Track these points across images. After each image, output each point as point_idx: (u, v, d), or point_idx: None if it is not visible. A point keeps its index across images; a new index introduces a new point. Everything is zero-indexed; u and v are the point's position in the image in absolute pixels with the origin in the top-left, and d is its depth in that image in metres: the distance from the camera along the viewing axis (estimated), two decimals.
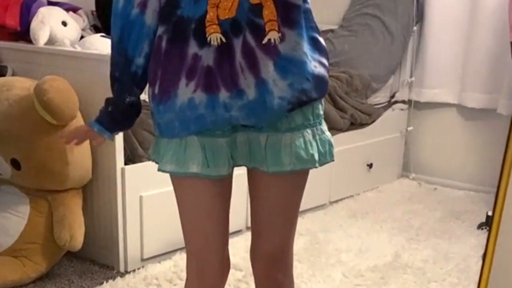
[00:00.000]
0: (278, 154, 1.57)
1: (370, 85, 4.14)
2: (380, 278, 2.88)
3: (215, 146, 1.55)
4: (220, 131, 1.55)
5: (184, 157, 1.56)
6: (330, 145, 1.65)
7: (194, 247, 1.69)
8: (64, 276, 2.81)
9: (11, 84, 2.77)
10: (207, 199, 1.62)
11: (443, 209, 3.85)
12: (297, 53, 1.52)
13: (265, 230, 1.71)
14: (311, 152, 1.58)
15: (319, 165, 1.62)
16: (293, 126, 1.57)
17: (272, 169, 1.58)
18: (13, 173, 2.73)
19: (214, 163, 1.55)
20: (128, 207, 2.82)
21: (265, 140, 1.57)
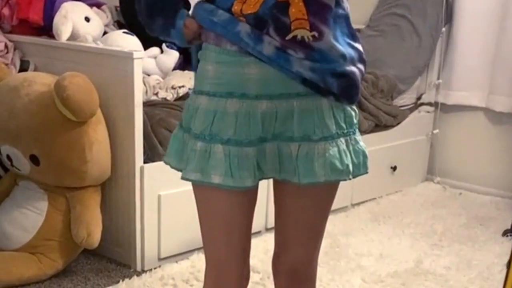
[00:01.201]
0: (311, 164, 1.48)
1: (396, 87, 4.08)
2: (400, 284, 2.83)
3: (241, 155, 1.47)
4: (247, 140, 1.47)
5: (208, 166, 1.48)
6: (365, 156, 1.57)
7: (213, 257, 1.63)
8: (80, 274, 2.80)
9: (32, 80, 2.76)
10: (229, 211, 1.55)
11: (467, 214, 3.78)
12: (333, 54, 1.46)
13: (291, 244, 1.65)
14: (346, 163, 1.50)
15: (353, 177, 1.53)
16: (327, 135, 1.49)
17: (304, 181, 1.49)
18: (32, 169, 2.72)
19: (239, 174, 1.47)
20: (146, 206, 2.80)
21: (296, 149, 1.49)
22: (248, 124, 1.46)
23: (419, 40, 4.20)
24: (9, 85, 2.76)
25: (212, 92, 1.49)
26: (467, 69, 4.18)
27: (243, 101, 1.46)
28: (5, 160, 2.80)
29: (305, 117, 1.48)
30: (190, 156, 1.51)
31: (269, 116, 1.47)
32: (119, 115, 2.78)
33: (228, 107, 1.47)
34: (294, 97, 1.47)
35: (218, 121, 1.47)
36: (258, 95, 1.46)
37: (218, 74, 1.49)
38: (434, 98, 4.33)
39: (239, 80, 1.46)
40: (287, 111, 1.47)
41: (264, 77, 1.46)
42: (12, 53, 3.13)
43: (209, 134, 1.48)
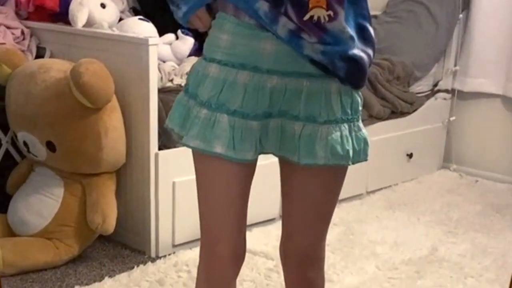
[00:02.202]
0: (312, 145, 1.48)
1: (412, 73, 4.05)
2: (414, 271, 2.82)
3: (245, 128, 1.47)
4: (254, 114, 1.47)
5: (211, 135, 1.47)
6: (366, 143, 1.56)
7: (206, 230, 1.62)
8: (95, 259, 2.82)
9: (49, 66, 2.77)
10: (226, 182, 1.55)
11: (483, 202, 3.76)
12: (344, 35, 1.44)
13: (296, 229, 1.65)
14: (347, 148, 1.50)
15: (352, 163, 1.53)
16: (332, 119, 1.49)
17: (304, 161, 1.49)
18: (48, 156, 2.74)
19: (241, 146, 1.47)
20: (160, 192, 2.81)
21: (300, 129, 1.49)
22: (256, 98, 1.47)
23: (436, 27, 4.17)
24: (26, 71, 2.78)
25: (224, 61, 1.49)
26: (484, 56, 4.15)
27: (254, 74, 1.46)
28: (22, 147, 2.83)
29: (312, 98, 1.48)
30: (193, 122, 1.51)
31: (277, 91, 1.47)
32: (134, 102, 2.79)
33: (238, 78, 1.47)
34: (304, 77, 1.47)
35: (226, 91, 1.48)
36: (269, 70, 1.46)
37: (232, 44, 1.48)
38: (451, 85, 4.30)
39: (252, 53, 1.46)
40: (296, 90, 1.47)
41: (278, 53, 1.45)
42: (29, 40, 3.15)
43: (216, 103, 1.48)
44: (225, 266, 1.62)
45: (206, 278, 1.65)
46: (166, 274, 2.68)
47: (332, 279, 2.69)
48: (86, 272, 2.71)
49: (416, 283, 2.73)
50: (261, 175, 1.82)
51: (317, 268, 1.72)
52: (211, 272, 1.64)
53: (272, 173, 1.66)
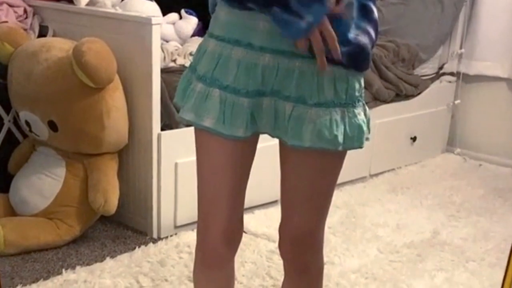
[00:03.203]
0: (300, 127, 1.46)
1: (417, 56, 4.03)
2: (416, 255, 2.82)
3: (236, 104, 1.47)
4: (245, 90, 1.45)
5: (203, 108, 1.49)
6: (361, 130, 1.52)
7: (199, 210, 1.62)
8: (97, 240, 2.82)
9: (50, 45, 2.75)
10: (217, 157, 1.54)
11: (486, 186, 3.75)
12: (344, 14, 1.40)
13: (290, 212, 1.64)
14: (335, 133, 1.47)
15: (343, 148, 1.50)
16: (322, 102, 1.46)
17: (291, 142, 1.48)
18: (50, 135, 2.73)
19: (231, 122, 1.47)
20: (163, 173, 2.81)
21: (290, 109, 1.47)
22: (248, 75, 1.46)
23: (442, 9, 4.14)
24: (28, 50, 2.76)
25: (221, 37, 1.50)
26: (490, 38, 4.12)
27: (247, 51, 1.46)
28: (24, 126, 2.82)
29: (304, 80, 1.45)
30: (190, 95, 1.53)
31: (269, 70, 1.45)
32: (137, 82, 2.78)
33: (233, 54, 1.47)
34: (297, 57, 1.44)
35: (221, 66, 1.48)
36: (262, 47, 1.45)
37: (228, 20, 1.49)
38: (456, 68, 4.28)
39: (246, 30, 1.46)
40: (288, 70, 1.45)
41: (271, 31, 1.43)
42: (31, 18, 3.13)
43: (211, 77, 1.49)
44: (217, 246, 1.62)
45: (201, 260, 1.66)
46: (167, 255, 2.68)
47: (333, 262, 2.68)
48: (88, 253, 2.71)
49: (417, 266, 2.73)
50: (262, 157, 1.81)
51: (313, 252, 1.69)
52: (205, 253, 1.64)
53: (274, 155, 1.63)
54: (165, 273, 2.54)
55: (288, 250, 1.69)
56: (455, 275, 2.67)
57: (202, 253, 1.65)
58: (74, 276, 2.49)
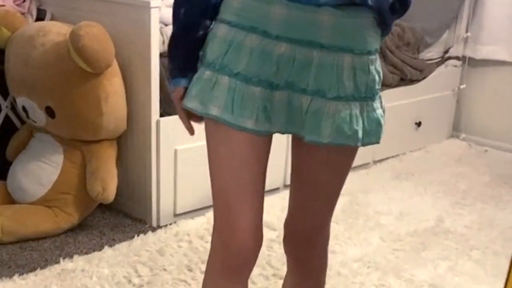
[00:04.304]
0: (319, 122, 1.38)
1: (422, 39, 3.96)
2: (419, 243, 2.78)
3: (246, 93, 1.38)
4: (257, 79, 1.37)
5: (209, 96, 1.40)
6: (379, 124, 1.45)
7: (223, 205, 1.47)
8: (96, 228, 2.78)
9: (47, 29, 2.70)
10: (227, 149, 1.44)
11: (492, 172, 3.70)
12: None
13: (300, 209, 1.58)
14: (355, 128, 1.39)
15: (362, 144, 1.43)
16: (342, 96, 1.38)
17: (308, 137, 1.39)
18: (47, 121, 2.69)
19: (240, 112, 1.38)
20: (162, 160, 2.76)
21: (308, 103, 1.38)
22: (261, 63, 1.37)
23: None
24: (24, 35, 2.71)
25: (234, 23, 1.40)
26: (497, 22, 4.05)
27: (262, 38, 1.37)
28: (21, 112, 2.77)
29: (323, 71, 1.37)
30: (195, 83, 1.44)
31: (285, 60, 1.37)
32: (135, 67, 2.72)
33: (246, 41, 1.38)
34: (315, 47, 1.36)
35: (232, 52, 1.39)
36: (278, 36, 1.36)
37: (244, 5, 1.40)
38: (462, 52, 4.21)
39: (263, 16, 1.37)
40: (306, 60, 1.36)
41: (288, 18, 1.35)
42: (29, 2, 3.07)
43: (220, 64, 1.40)
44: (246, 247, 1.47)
45: (221, 265, 1.50)
46: (166, 244, 2.64)
47: (335, 250, 2.65)
48: (86, 241, 2.67)
49: (420, 255, 2.69)
50: None
51: (319, 249, 1.66)
52: (230, 256, 1.48)
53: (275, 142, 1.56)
54: (163, 262, 2.50)
55: (294, 247, 1.65)
56: (459, 264, 2.62)
57: (224, 257, 1.49)
58: (71, 265, 2.46)
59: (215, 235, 1.52)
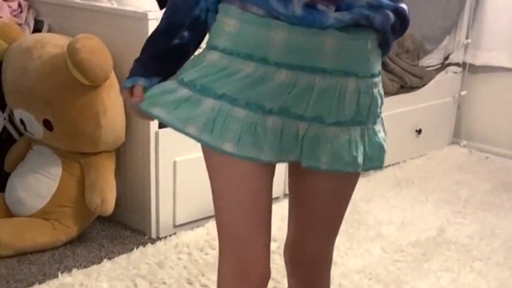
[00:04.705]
0: (316, 148, 1.34)
1: (422, 46, 3.94)
2: (421, 254, 2.76)
3: (231, 114, 1.30)
4: (244, 101, 1.29)
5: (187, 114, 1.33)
6: (381, 149, 1.42)
7: (232, 240, 1.42)
8: (95, 240, 2.76)
9: (45, 41, 2.68)
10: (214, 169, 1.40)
11: (493, 180, 3.67)
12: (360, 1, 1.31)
13: (304, 236, 1.54)
14: (355, 154, 1.35)
15: (363, 170, 1.39)
16: (342, 121, 1.34)
17: (305, 163, 1.34)
18: (45, 134, 2.67)
19: (220, 133, 1.31)
20: (161, 172, 2.74)
21: (304, 129, 1.33)
22: (252, 86, 1.30)
23: None
24: (22, 46, 2.70)
25: (229, 50, 1.33)
26: (497, 28, 4.03)
27: (260, 66, 1.30)
28: (19, 125, 2.75)
29: (324, 97, 1.32)
30: (166, 93, 1.37)
31: (284, 87, 1.31)
32: None
33: (240, 69, 1.31)
34: (317, 72, 1.31)
35: (221, 77, 1.32)
36: (278, 63, 1.30)
37: (240, 31, 1.33)
38: (462, 58, 4.19)
39: (262, 42, 1.30)
40: (307, 87, 1.31)
41: (289, 43, 1.30)
42: (26, 13, 3.06)
43: (201, 85, 1.33)
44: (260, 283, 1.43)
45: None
46: (166, 256, 2.62)
47: (336, 262, 2.62)
48: (85, 254, 2.65)
49: (422, 266, 2.66)
50: None
51: (324, 271, 1.63)
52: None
53: None
54: (163, 275, 2.48)
55: (297, 271, 1.62)
56: (461, 275, 2.60)
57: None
58: (70, 279, 2.44)
59: (222, 271, 1.47)
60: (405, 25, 1.41)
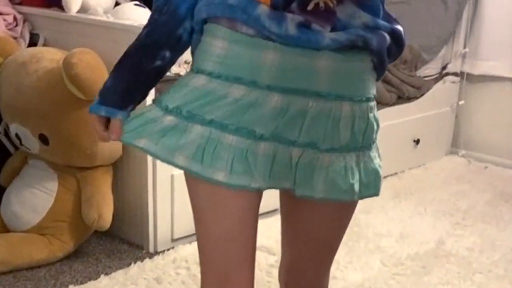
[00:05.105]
0: (310, 176, 1.27)
1: (420, 56, 3.93)
2: (421, 267, 2.73)
3: (221, 142, 1.24)
4: (235, 127, 1.23)
5: (174, 144, 1.26)
6: (377, 176, 1.37)
7: (215, 276, 1.38)
8: (92, 255, 2.73)
9: (40, 56, 2.66)
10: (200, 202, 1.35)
11: (493, 190, 3.66)
12: (355, 20, 1.26)
13: (300, 263, 1.51)
14: (351, 182, 1.29)
15: (359, 197, 1.34)
16: (336, 147, 1.28)
17: (300, 192, 1.28)
18: (41, 149, 2.65)
19: (211, 162, 1.25)
20: (158, 185, 2.72)
21: (298, 156, 1.27)
22: (243, 111, 1.24)
23: (445, 7, 4.04)
24: (17, 61, 2.67)
25: (216, 73, 1.26)
26: (495, 37, 4.02)
27: (250, 90, 1.23)
28: (14, 139, 2.73)
29: (317, 122, 1.26)
30: (147, 123, 1.30)
31: (276, 112, 1.24)
32: None
33: (230, 92, 1.24)
34: (311, 96, 1.25)
35: (208, 102, 1.25)
36: (270, 86, 1.23)
37: (228, 53, 1.25)
38: (460, 68, 4.18)
39: (252, 64, 1.24)
40: (300, 111, 1.25)
41: (282, 65, 1.23)
42: (22, 26, 3.03)
43: (188, 111, 1.26)
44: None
45: None
46: (164, 271, 2.60)
47: (336, 276, 2.60)
48: (82, 269, 2.62)
49: (423, 279, 2.64)
50: None
51: None
52: None
53: None
54: None
55: None
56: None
57: None
58: None
59: None
60: (401, 47, 1.36)
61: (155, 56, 1.35)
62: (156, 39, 1.35)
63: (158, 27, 1.35)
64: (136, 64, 1.36)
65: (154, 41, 1.35)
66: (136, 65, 1.36)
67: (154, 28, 1.35)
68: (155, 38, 1.35)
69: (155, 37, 1.35)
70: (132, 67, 1.37)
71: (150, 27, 1.36)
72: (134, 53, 1.37)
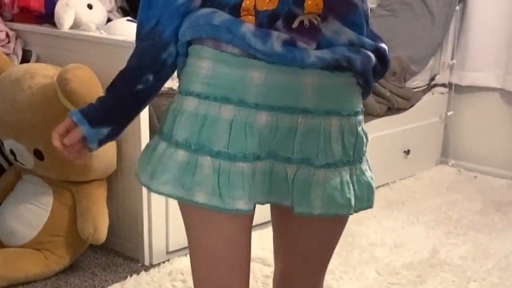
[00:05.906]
0: (308, 192, 1.29)
1: (409, 68, 3.97)
2: (416, 276, 2.75)
3: (233, 172, 1.26)
4: (242, 154, 1.25)
5: (191, 181, 1.27)
6: (370, 188, 1.38)
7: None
8: (87, 269, 2.74)
9: (34, 72, 2.67)
10: (216, 240, 1.35)
11: (483, 199, 3.69)
12: (341, 37, 1.27)
13: (293, 275, 1.51)
14: (348, 196, 1.31)
15: (354, 211, 1.35)
16: (331, 162, 1.29)
17: (298, 210, 1.30)
18: (35, 164, 2.65)
19: (229, 193, 1.26)
20: (153, 198, 2.73)
21: (293, 172, 1.29)
22: (243, 136, 1.26)
23: (432, 19, 4.08)
24: (11, 77, 2.68)
25: (204, 94, 1.27)
26: (482, 48, 4.08)
27: (239, 109, 1.25)
28: (9, 155, 2.73)
29: (309, 138, 1.28)
30: (166, 166, 1.29)
31: (267, 130, 1.27)
32: None
33: (221, 113, 1.26)
34: (299, 113, 1.27)
35: (208, 129, 1.26)
36: (258, 104, 1.25)
37: (214, 73, 1.27)
38: (448, 79, 4.24)
39: (239, 83, 1.26)
40: (290, 128, 1.27)
41: (268, 84, 1.25)
42: (14, 43, 3.05)
43: (196, 143, 1.27)
44: None
45: None
46: (160, 283, 2.60)
47: (332, 286, 2.62)
48: (78, 283, 2.62)
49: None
50: None
51: None
52: None
53: None
54: None
55: None
56: None
57: None
58: None
59: None
60: (385, 66, 1.37)
61: (137, 80, 1.36)
62: (139, 63, 1.37)
63: (143, 52, 1.37)
64: (118, 87, 1.38)
65: (138, 65, 1.37)
66: (117, 87, 1.38)
67: (139, 53, 1.38)
68: (139, 62, 1.37)
69: (139, 62, 1.37)
70: (113, 89, 1.39)
71: (136, 53, 1.39)
72: (119, 76, 1.40)
